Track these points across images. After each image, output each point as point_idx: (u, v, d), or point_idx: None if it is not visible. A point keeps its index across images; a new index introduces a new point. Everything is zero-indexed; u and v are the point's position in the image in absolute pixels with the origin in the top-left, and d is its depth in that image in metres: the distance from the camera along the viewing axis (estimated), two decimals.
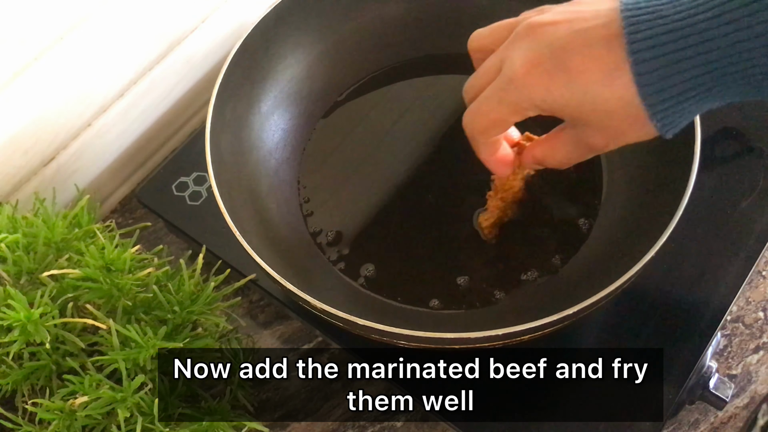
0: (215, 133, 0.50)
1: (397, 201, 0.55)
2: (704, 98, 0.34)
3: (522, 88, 0.36)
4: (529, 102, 0.37)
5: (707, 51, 0.32)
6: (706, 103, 0.34)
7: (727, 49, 0.32)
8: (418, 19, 0.60)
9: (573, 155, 0.40)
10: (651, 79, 0.33)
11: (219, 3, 0.62)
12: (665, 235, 0.42)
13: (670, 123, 0.35)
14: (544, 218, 0.52)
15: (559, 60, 0.35)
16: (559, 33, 0.35)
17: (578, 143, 0.39)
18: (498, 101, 0.38)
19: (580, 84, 0.34)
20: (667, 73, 0.33)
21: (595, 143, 0.38)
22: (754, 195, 0.54)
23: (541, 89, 0.36)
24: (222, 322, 0.47)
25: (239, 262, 0.52)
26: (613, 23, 0.34)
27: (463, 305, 0.50)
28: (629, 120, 0.35)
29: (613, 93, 0.34)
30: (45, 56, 0.51)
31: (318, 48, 0.58)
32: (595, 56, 0.34)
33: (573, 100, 0.35)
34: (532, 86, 0.36)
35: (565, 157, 0.41)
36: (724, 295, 0.50)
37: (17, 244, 0.46)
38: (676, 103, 0.33)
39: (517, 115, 0.38)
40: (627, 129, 0.36)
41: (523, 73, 0.36)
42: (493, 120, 0.39)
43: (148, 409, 0.42)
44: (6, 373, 0.43)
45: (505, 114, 0.38)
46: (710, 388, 0.48)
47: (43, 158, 0.56)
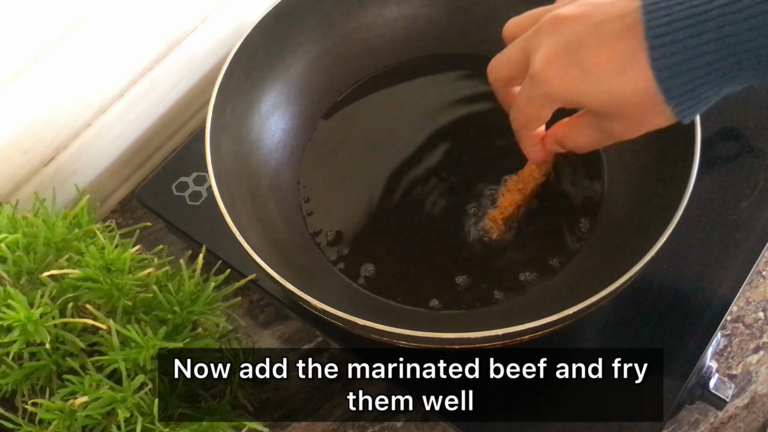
0: (215, 133, 0.50)
1: (397, 201, 0.55)
2: (721, 83, 0.34)
3: (542, 83, 0.38)
4: (549, 97, 0.38)
5: (724, 36, 0.32)
6: (724, 88, 0.34)
7: (744, 34, 0.32)
8: (419, 20, 0.60)
9: (593, 140, 0.41)
10: (668, 64, 0.33)
11: (219, 3, 0.62)
12: (665, 235, 0.42)
13: (687, 108, 0.35)
14: (545, 218, 0.52)
15: (574, 54, 0.36)
16: (576, 27, 0.36)
17: (598, 129, 0.40)
18: (527, 99, 0.40)
19: (595, 77, 0.36)
20: (685, 57, 0.33)
21: (614, 131, 0.39)
22: (754, 195, 0.54)
23: (558, 84, 0.37)
24: (222, 322, 0.47)
25: (239, 262, 0.52)
26: (630, 14, 0.34)
27: (462, 305, 0.50)
28: (646, 108, 0.36)
29: (628, 83, 0.35)
30: (45, 56, 0.51)
31: (318, 48, 0.58)
32: (610, 49, 0.35)
33: (589, 92, 0.36)
34: (551, 81, 0.37)
35: (585, 141, 0.42)
36: (724, 295, 0.50)
37: (17, 244, 0.46)
38: (694, 88, 0.34)
39: (545, 109, 0.40)
40: (644, 117, 0.36)
41: (542, 68, 0.37)
42: (528, 116, 0.41)
43: (148, 409, 0.42)
44: (6, 373, 0.43)
45: (535, 109, 0.40)
46: (710, 388, 0.48)
47: (43, 158, 0.56)
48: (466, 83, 0.59)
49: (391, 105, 0.59)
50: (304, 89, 0.58)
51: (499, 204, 0.52)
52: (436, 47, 0.60)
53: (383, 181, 0.55)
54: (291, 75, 0.58)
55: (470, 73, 0.59)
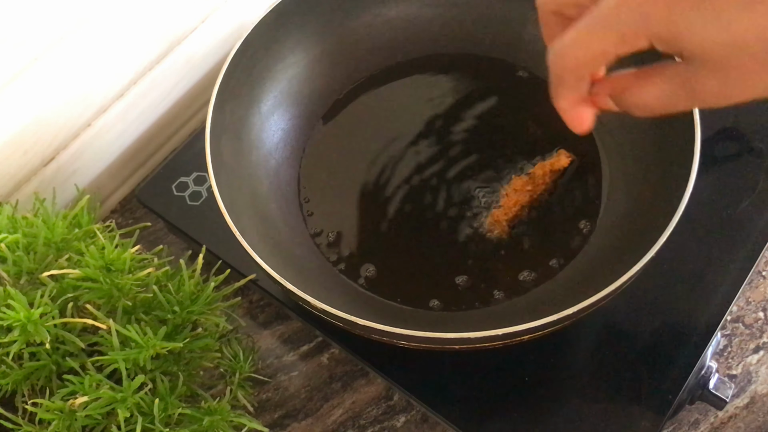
0: (215, 133, 0.50)
1: (397, 201, 0.55)
2: None
3: (639, 7, 0.30)
4: (645, 27, 0.30)
5: None
6: None
7: None
8: (419, 20, 0.60)
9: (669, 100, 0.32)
10: None
11: (219, 3, 0.62)
12: (665, 235, 0.42)
13: None
14: (546, 219, 0.52)
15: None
16: None
17: (682, 85, 0.32)
18: (605, 27, 0.31)
19: (712, 10, 0.29)
20: None
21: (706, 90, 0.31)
22: (754, 195, 0.54)
23: (663, 11, 0.29)
24: (222, 322, 0.47)
25: (239, 262, 0.52)
26: None
27: (462, 305, 0.50)
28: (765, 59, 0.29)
29: (753, 21, 0.28)
30: (45, 56, 0.51)
31: (318, 48, 0.58)
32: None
33: (700, 27, 0.29)
34: (653, 6, 0.30)
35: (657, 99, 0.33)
36: (724, 295, 0.50)
37: (17, 244, 0.46)
38: None
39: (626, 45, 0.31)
40: (754, 73, 0.29)
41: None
42: (596, 51, 0.32)
43: (148, 409, 0.42)
44: (6, 373, 0.43)
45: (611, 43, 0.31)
46: (710, 388, 0.48)
47: (43, 158, 0.56)
48: (466, 83, 0.59)
49: (391, 105, 0.59)
50: (304, 89, 0.58)
51: (503, 204, 0.52)
52: (436, 47, 0.60)
53: (384, 181, 0.55)
54: (291, 75, 0.58)
55: (470, 73, 0.59)
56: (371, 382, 0.53)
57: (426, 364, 0.49)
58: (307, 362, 0.55)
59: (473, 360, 0.49)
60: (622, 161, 0.53)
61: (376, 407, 0.52)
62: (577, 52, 0.32)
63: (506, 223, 0.51)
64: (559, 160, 0.52)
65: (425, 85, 0.60)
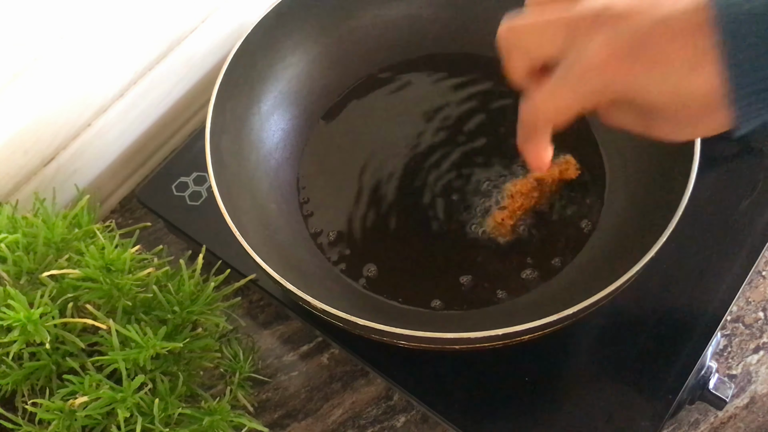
0: (215, 133, 0.50)
1: (398, 201, 0.55)
2: None
3: (602, 74, 0.35)
4: (607, 89, 0.35)
5: None
6: None
7: None
8: (419, 19, 0.60)
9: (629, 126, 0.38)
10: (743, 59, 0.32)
11: (219, 3, 0.62)
12: (665, 235, 0.42)
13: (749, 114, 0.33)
14: (547, 219, 0.52)
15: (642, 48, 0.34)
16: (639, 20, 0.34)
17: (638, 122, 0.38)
18: (572, 89, 0.36)
19: (662, 72, 0.34)
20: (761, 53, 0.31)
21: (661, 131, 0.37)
22: (754, 195, 0.54)
23: (621, 76, 0.35)
24: (222, 322, 0.47)
25: (239, 262, 0.52)
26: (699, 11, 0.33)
27: (464, 305, 0.50)
28: (707, 110, 0.34)
29: (696, 81, 0.33)
30: (45, 56, 0.51)
31: (318, 48, 0.58)
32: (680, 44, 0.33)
33: (654, 87, 0.34)
34: (613, 73, 0.35)
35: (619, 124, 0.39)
36: (724, 295, 0.50)
37: (17, 244, 0.46)
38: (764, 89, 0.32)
39: (591, 103, 0.37)
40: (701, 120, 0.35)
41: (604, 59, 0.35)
42: (563, 107, 0.37)
43: (148, 409, 0.42)
44: (6, 373, 0.43)
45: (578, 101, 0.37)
46: (710, 388, 0.48)
47: (43, 158, 0.56)
48: (466, 83, 0.59)
49: (391, 105, 0.59)
50: (304, 89, 0.58)
51: (507, 207, 0.52)
52: (436, 47, 0.60)
53: (384, 181, 0.55)
54: (291, 75, 0.58)
55: (470, 73, 0.59)
56: (371, 382, 0.53)
57: (426, 364, 0.49)
58: (307, 362, 0.55)
59: (473, 360, 0.49)
60: (623, 161, 0.53)
61: (376, 407, 0.52)
62: (551, 106, 0.37)
63: (509, 225, 0.51)
64: (568, 171, 0.53)
65: (425, 85, 0.60)
